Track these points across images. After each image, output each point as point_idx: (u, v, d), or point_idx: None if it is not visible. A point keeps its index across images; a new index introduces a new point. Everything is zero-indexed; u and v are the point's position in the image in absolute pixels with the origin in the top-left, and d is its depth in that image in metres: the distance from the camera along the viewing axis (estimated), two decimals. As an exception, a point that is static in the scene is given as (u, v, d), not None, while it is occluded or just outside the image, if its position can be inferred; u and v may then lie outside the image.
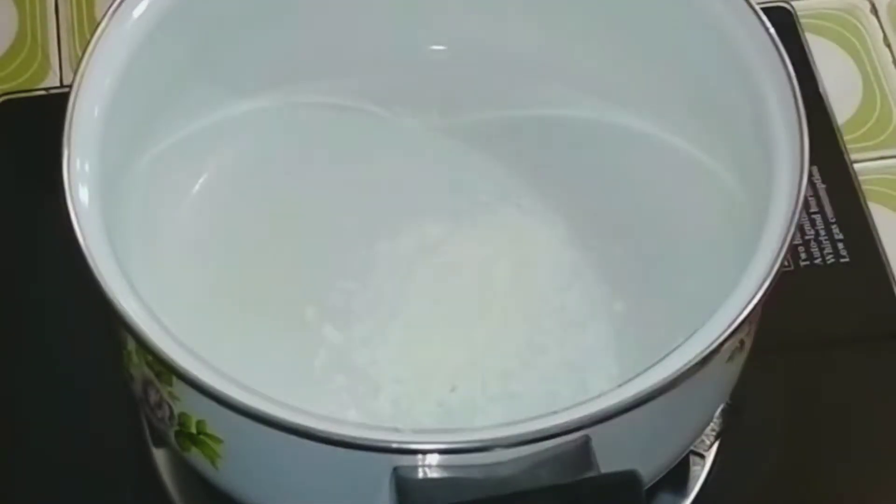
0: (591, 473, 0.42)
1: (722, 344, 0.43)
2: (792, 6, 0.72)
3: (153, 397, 0.48)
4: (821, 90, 0.69)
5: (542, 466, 0.42)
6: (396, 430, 0.44)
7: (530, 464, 0.42)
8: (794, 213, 0.45)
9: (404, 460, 0.43)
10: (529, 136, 0.59)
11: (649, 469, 0.48)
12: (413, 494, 0.42)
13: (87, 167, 0.47)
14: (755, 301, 0.44)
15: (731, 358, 0.49)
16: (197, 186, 0.58)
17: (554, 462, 0.42)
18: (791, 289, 0.48)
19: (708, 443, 0.57)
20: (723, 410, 0.56)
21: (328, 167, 0.59)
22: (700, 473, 0.57)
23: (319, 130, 0.59)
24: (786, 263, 0.44)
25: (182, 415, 0.47)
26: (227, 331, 0.54)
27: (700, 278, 0.53)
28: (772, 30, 0.49)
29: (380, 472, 0.43)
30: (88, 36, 0.49)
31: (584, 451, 0.43)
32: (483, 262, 0.56)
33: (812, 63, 0.69)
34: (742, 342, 0.49)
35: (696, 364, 0.43)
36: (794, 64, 0.49)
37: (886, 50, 0.71)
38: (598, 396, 0.43)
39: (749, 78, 0.49)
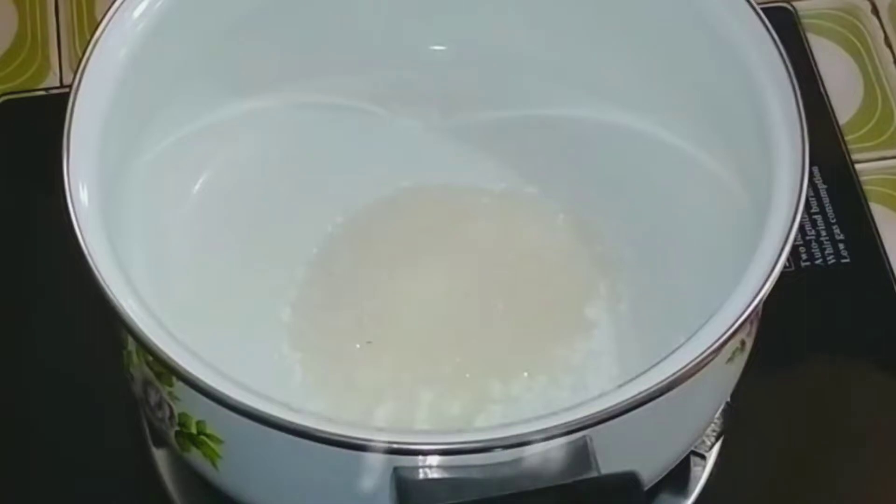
0: (591, 474, 0.42)
1: (722, 344, 0.43)
2: (793, 6, 0.72)
3: (153, 397, 0.48)
4: (822, 90, 0.69)
5: (542, 467, 0.42)
6: (396, 430, 0.44)
7: (530, 464, 0.42)
8: (794, 213, 0.45)
9: (404, 460, 0.43)
10: (529, 136, 0.59)
11: (650, 470, 0.48)
12: (413, 494, 0.42)
13: (87, 167, 0.47)
14: (756, 301, 0.44)
15: (731, 358, 0.49)
16: (197, 186, 0.58)
17: (554, 462, 0.42)
18: (791, 289, 0.48)
19: (709, 443, 0.57)
20: (723, 411, 0.56)
21: (328, 167, 0.59)
22: (701, 474, 0.57)
23: (319, 130, 0.59)
24: (786, 264, 0.44)
25: (182, 415, 0.47)
26: (226, 331, 0.54)
27: (700, 278, 0.53)
28: (773, 30, 0.49)
29: (380, 473, 0.43)
30: (88, 36, 0.49)
31: (584, 452, 0.43)
32: (482, 264, 0.56)
33: (813, 63, 0.70)
34: (743, 342, 0.49)
35: (697, 365, 0.43)
36: (794, 64, 0.49)
37: (887, 50, 0.71)
38: (599, 397, 0.43)
39: (750, 78, 0.49)
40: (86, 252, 0.44)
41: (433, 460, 0.43)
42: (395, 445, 0.42)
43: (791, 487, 0.58)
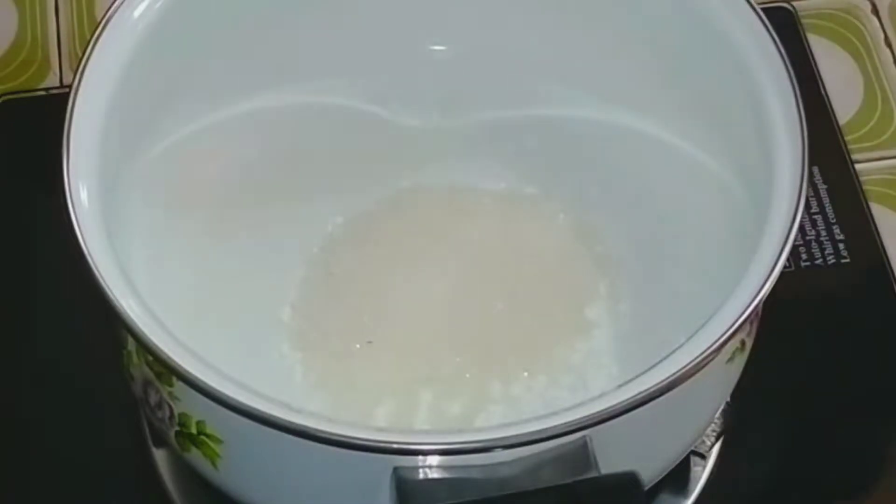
0: (591, 474, 0.42)
1: (722, 344, 0.43)
2: (793, 6, 0.72)
3: (153, 397, 0.48)
4: (822, 91, 0.69)
5: (542, 467, 0.42)
6: (396, 430, 0.44)
7: (530, 464, 0.42)
8: (794, 213, 0.45)
9: (404, 461, 0.43)
10: (529, 135, 0.59)
11: (650, 470, 0.48)
12: (413, 495, 0.42)
13: (87, 167, 0.47)
14: (756, 301, 0.44)
15: (731, 358, 0.49)
16: (197, 186, 0.58)
17: (554, 463, 0.42)
18: (791, 289, 0.48)
19: (709, 443, 0.57)
20: (723, 411, 0.56)
21: (328, 167, 0.59)
22: (701, 474, 0.57)
23: (319, 130, 0.59)
24: (786, 264, 0.44)
25: (182, 415, 0.47)
26: (226, 331, 0.54)
27: (700, 278, 0.53)
28: (772, 30, 0.49)
29: (380, 473, 0.43)
30: (88, 36, 0.49)
31: (584, 452, 0.43)
32: (482, 264, 0.56)
33: (813, 63, 0.70)
34: (743, 342, 0.49)
35: (697, 365, 0.43)
36: (794, 64, 0.49)
37: (888, 50, 0.71)
38: (599, 397, 0.43)
39: (749, 78, 0.49)
40: (86, 252, 0.44)
41: (433, 460, 0.43)
42: (395, 445, 0.42)
43: (791, 487, 0.58)
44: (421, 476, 0.43)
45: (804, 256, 0.64)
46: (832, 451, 0.59)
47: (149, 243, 0.54)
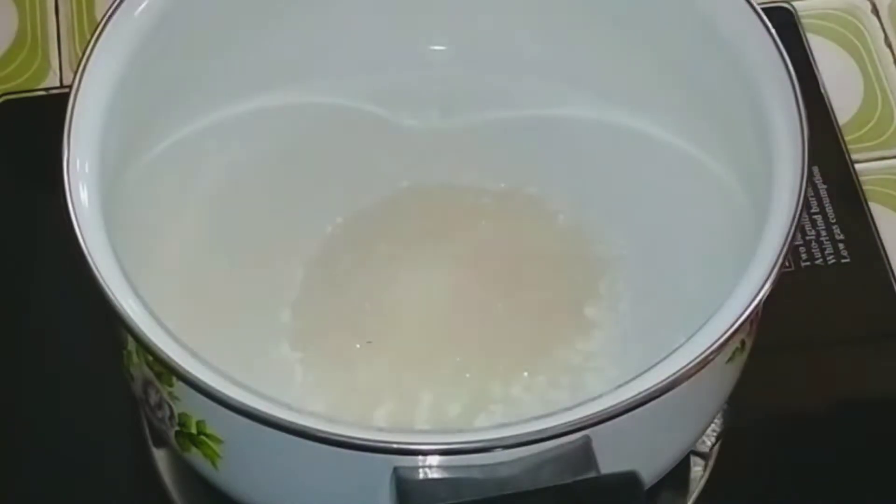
0: (591, 474, 0.42)
1: (722, 344, 0.43)
2: (793, 6, 0.72)
3: (153, 397, 0.48)
4: (822, 90, 0.69)
5: (542, 467, 0.42)
6: (396, 430, 0.44)
7: (530, 464, 0.42)
8: (794, 213, 0.45)
9: (404, 461, 0.43)
10: (529, 136, 0.59)
11: (650, 470, 0.48)
12: (413, 495, 0.42)
13: (87, 167, 0.47)
14: (756, 301, 0.44)
15: (731, 358, 0.49)
16: (197, 186, 0.58)
17: (554, 463, 0.42)
18: (791, 289, 0.48)
19: (709, 443, 0.57)
20: (723, 411, 0.56)
21: (328, 167, 0.59)
22: (701, 474, 0.57)
23: (319, 130, 0.59)
24: (786, 264, 0.44)
25: (182, 415, 0.47)
26: (226, 331, 0.54)
27: (700, 278, 0.53)
28: (773, 30, 0.49)
29: (380, 473, 0.43)
30: (88, 36, 0.49)
31: (584, 452, 0.43)
32: (482, 264, 0.56)
33: (813, 63, 0.69)
34: (743, 342, 0.49)
35: (697, 365, 0.43)
36: (794, 64, 0.49)
37: (887, 50, 0.71)
38: (599, 397, 0.43)
39: (750, 78, 0.49)
40: (86, 252, 0.44)
41: (433, 460, 0.43)
42: (395, 445, 0.42)
43: (791, 488, 0.58)
44: (421, 476, 0.43)
45: (804, 256, 0.64)
46: (832, 451, 0.59)
47: (149, 243, 0.54)
